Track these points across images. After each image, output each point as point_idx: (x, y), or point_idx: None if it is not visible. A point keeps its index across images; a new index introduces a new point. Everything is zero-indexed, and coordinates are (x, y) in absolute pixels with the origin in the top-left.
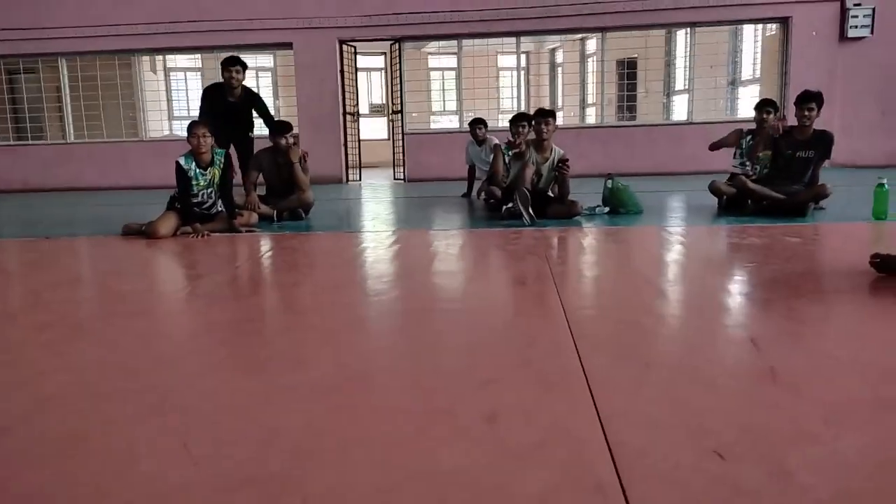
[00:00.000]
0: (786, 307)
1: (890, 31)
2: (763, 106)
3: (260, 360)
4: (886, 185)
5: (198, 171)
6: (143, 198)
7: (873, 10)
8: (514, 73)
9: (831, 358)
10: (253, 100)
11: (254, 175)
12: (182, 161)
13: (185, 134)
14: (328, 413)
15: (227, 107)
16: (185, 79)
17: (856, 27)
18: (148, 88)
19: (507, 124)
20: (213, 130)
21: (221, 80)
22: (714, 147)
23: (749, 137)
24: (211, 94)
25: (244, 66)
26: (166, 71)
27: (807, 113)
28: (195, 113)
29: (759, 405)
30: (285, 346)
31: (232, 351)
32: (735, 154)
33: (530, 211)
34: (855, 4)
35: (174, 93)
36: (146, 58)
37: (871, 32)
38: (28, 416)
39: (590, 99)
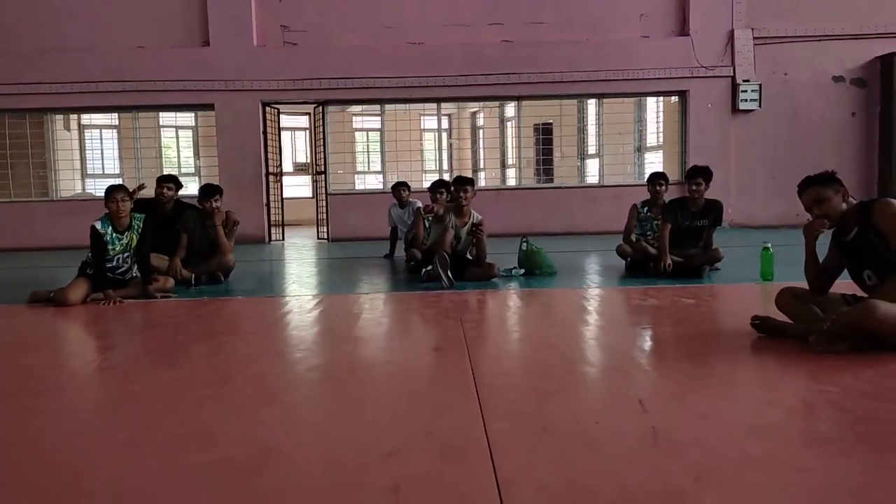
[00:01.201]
0: (673, 368)
1: (775, 105)
2: (655, 179)
3: (169, 438)
4: (771, 249)
5: (114, 235)
6: (51, 260)
7: (760, 86)
8: (437, 134)
9: (706, 418)
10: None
11: (183, 238)
12: (98, 225)
13: (98, 193)
14: (236, 492)
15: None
16: (101, 136)
17: (745, 101)
18: (61, 147)
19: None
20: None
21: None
22: (626, 236)
23: (645, 209)
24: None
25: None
26: (80, 128)
27: (695, 186)
28: (109, 170)
29: (638, 466)
30: (195, 421)
31: (140, 428)
32: (636, 226)
33: (449, 274)
34: (744, 80)
35: (88, 151)
36: (59, 116)
37: (760, 105)
38: None
39: (509, 161)
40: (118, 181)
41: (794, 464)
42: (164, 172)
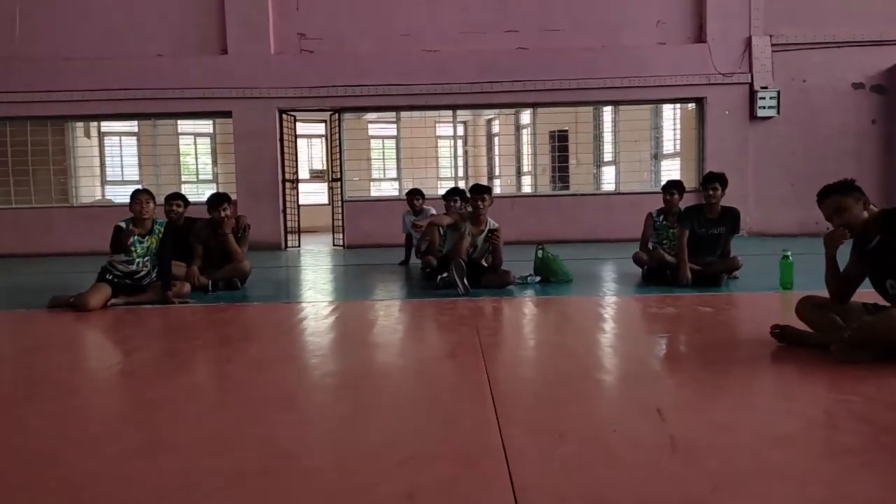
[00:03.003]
0: (691, 377)
1: (793, 112)
2: (667, 187)
3: (185, 443)
4: (790, 257)
5: (136, 238)
6: (71, 265)
7: (778, 93)
8: (452, 141)
9: (725, 428)
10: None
11: (199, 248)
12: (123, 224)
13: (118, 199)
14: (250, 497)
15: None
16: (121, 143)
17: (763, 108)
18: (81, 154)
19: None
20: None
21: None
22: (643, 245)
23: (661, 217)
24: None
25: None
26: (101, 136)
27: (711, 192)
28: (129, 177)
29: (656, 474)
30: (211, 426)
31: (156, 433)
32: (652, 235)
33: (465, 281)
34: (762, 87)
35: (108, 158)
36: (80, 123)
37: (778, 112)
38: None
39: (525, 168)
40: (137, 188)
41: (815, 475)
42: (183, 179)
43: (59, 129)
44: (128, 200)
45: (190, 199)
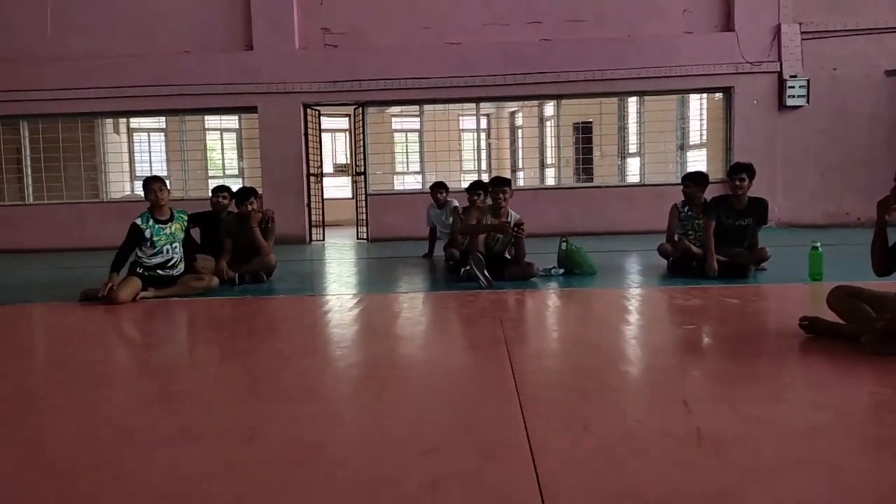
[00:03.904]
0: (718, 369)
1: (823, 101)
2: (684, 180)
3: (214, 432)
4: (820, 248)
5: (157, 226)
6: (102, 259)
7: (808, 81)
8: (475, 134)
9: (753, 419)
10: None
11: (228, 243)
12: (139, 221)
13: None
14: (277, 486)
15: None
16: (149, 139)
17: (793, 97)
18: (110, 150)
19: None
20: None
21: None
22: (669, 237)
23: (686, 209)
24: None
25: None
26: (129, 132)
27: (738, 183)
28: (157, 172)
29: (682, 466)
30: (239, 416)
31: (187, 422)
32: (678, 226)
33: (486, 273)
34: (791, 76)
35: (137, 154)
36: (109, 120)
37: (807, 102)
38: None
39: (549, 160)
40: (148, 177)
41: (845, 467)
42: (210, 174)
43: (89, 125)
44: None
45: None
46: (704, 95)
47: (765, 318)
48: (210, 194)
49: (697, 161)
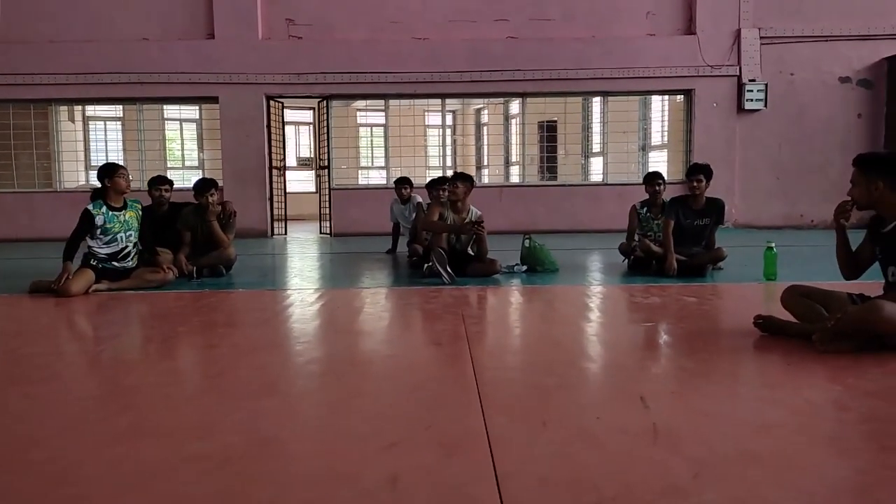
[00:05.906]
0: (675, 366)
1: (781, 105)
2: (653, 178)
3: (167, 428)
4: (774, 249)
5: (110, 213)
6: (53, 250)
7: (766, 85)
8: (441, 130)
9: (708, 415)
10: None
11: (186, 235)
12: (91, 207)
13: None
14: (233, 482)
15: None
16: (105, 128)
17: (751, 101)
18: (65, 139)
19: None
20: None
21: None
22: (629, 238)
23: (645, 210)
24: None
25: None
26: (85, 120)
27: (695, 184)
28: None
29: (639, 461)
30: (195, 412)
31: (139, 418)
32: (637, 227)
33: (449, 269)
34: (750, 80)
35: (93, 143)
36: (64, 107)
37: (765, 105)
38: None
39: (514, 158)
40: (112, 162)
41: (797, 462)
42: (168, 165)
43: (42, 112)
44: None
45: (176, 186)
46: (666, 97)
47: (721, 316)
48: (147, 186)
49: (658, 162)
